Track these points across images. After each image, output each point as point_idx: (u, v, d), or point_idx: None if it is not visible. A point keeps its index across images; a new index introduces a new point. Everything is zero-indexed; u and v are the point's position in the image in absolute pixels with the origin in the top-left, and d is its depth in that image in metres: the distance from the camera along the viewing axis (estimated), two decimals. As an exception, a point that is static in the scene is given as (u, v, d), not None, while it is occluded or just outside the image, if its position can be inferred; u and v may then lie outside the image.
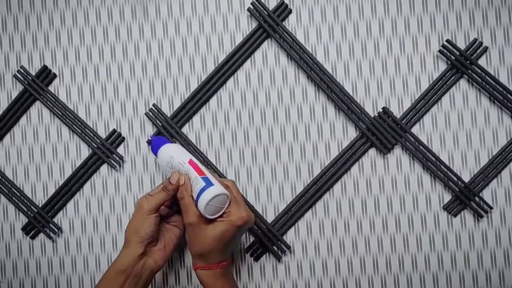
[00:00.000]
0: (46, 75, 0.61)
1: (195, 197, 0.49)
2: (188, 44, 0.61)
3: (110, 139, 0.61)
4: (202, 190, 0.48)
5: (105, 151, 0.60)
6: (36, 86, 0.61)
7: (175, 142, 0.59)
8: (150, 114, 0.61)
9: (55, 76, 0.61)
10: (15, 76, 0.61)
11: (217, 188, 0.48)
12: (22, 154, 0.62)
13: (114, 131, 0.61)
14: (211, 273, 0.50)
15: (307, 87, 0.60)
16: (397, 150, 0.59)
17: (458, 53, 0.58)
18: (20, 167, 0.62)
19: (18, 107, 0.61)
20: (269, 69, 0.60)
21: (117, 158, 0.60)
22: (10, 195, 0.61)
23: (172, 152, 0.53)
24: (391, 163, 0.59)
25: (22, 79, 0.61)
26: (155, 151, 0.55)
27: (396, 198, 0.59)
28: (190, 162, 0.51)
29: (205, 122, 0.61)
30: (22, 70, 0.61)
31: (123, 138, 0.61)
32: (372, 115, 0.59)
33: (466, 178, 0.58)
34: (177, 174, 0.51)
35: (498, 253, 0.57)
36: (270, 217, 0.60)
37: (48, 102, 0.61)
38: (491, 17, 0.58)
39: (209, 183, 0.49)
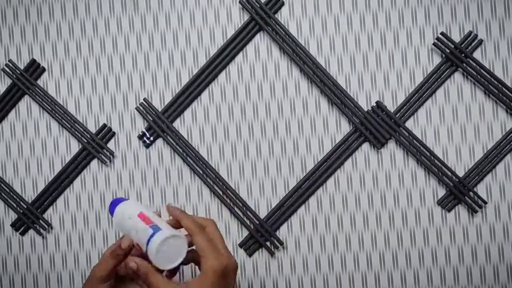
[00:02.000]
0: (34, 68, 0.60)
1: (144, 250, 0.42)
2: (179, 37, 0.60)
3: (100, 134, 0.60)
4: (149, 239, 0.41)
5: (95, 146, 0.60)
6: (25, 80, 0.60)
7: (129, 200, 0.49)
8: (141, 108, 0.60)
9: (44, 70, 0.60)
10: (3, 70, 0.60)
11: (165, 232, 0.41)
12: (11, 149, 0.61)
13: (104, 125, 0.60)
14: None
15: (300, 80, 0.59)
16: (391, 145, 0.58)
17: (452, 46, 0.57)
18: (9, 162, 0.61)
19: (7, 102, 0.60)
20: (261, 63, 0.59)
21: (108, 153, 0.60)
22: (-1, 191, 0.60)
23: (123, 209, 0.46)
24: (384, 157, 0.58)
25: (11, 73, 0.60)
26: (111, 212, 0.47)
27: (390, 193, 0.58)
28: (140, 215, 0.44)
29: (196, 116, 0.60)
30: (10, 64, 0.60)
31: (114, 133, 0.60)
32: (366, 109, 0.58)
33: (461, 173, 0.57)
34: (128, 239, 0.43)
35: (492, 248, 0.57)
36: (263, 213, 0.59)
37: (37, 96, 0.60)
38: (486, 10, 0.57)
39: (156, 229, 0.42)
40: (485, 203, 0.57)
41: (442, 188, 0.58)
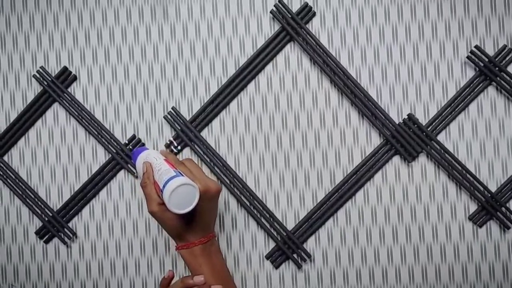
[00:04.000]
0: (66, 76, 0.60)
1: (161, 186, 0.45)
2: (209, 46, 0.59)
3: (130, 144, 0.59)
4: (168, 180, 0.44)
5: (124, 156, 0.59)
6: (56, 88, 0.59)
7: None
8: (169, 117, 0.59)
9: (75, 77, 0.60)
10: (34, 76, 0.60)
11: (183, 179, 0.44)
12: (37, 156, 0.60)
13: (134, 136, 0.59)
14: (189, 252, 0.49)
15: (330, 92, 0.59)
16: (422, 158, 0.57)
17: (486, 60, 0.56)
18: (34, 169, 0.61)
19: (36, 109, 0.60)
20: (291, 73, 0.59)
21: (135, 162, 0.59)
22: (24, 197, 0.60)
23: (151, 152, 0.51)
24: (415, 171, 0.57)
25: (42, 79, 0.60)
26: (135, 157, 0.52)
27: (420, 207, 0.57)
28: (166, 160, 0.49)
29: (225, 126, 0.59)
30: (41, 71, 0.60)
31: (143, 144, 0.60)
32: (397, 122, 0.58)
33: (493, 188, 0.57)
34: (145, 165, 0.49)
35: (525, 265, 0.56)
36: (290, 224, 0.58)
37: (66, 103, 0.60)
38: (521, 23, 0.57)
39: (177, 175, 0.45)
40: (518, 219, 0.56)
41: (474, 203, 0.57)
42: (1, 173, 0.60)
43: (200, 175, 0.48)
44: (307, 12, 0.58)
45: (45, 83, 0.60)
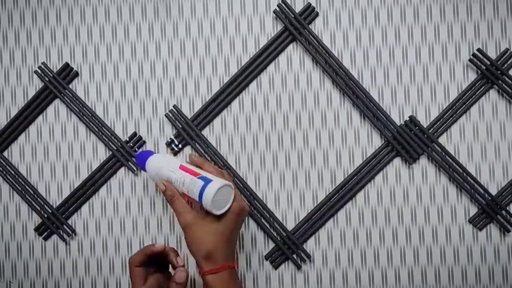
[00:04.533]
0: (67, 72, 0.60)
1: (197, 199, 0.47)
2: (211, 45, 0.59)
3: (131, 142, 0.59)
4: (203, 189, 0.46)
5: (124, 154, 0.59)
6: (57, 84, 0.59)
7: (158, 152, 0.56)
8: (170, 115, 0.59)
9: (77, 74, 0.60)
10: (35, 72, 0.60)
11: (217, 182, 0.46)
12: (37, 152, 0.60)
13: (135, 134, 0.59)
14: (221, 277, 0.46)
15: (332, 92, 0.59)
16: (423, 160, 0.57)
17: (488, 63, 0.56)
18: (34, 165, 0.60)
19: (37, 105, 0.60)
20: (293, 73, 0.59)
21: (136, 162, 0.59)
22: (23, 193, 0.60)
23: (161, 162, 0.52)
24: (416, 173, 0.57)
25: (43, 75, 0.60)
26: (142, 164, 0.53)
27: (421, 210, 0.57)
28: (181, 167, 0.50)
29: (226, 125, 0.59)
30: (43, 67, 0.59)
31: (144, 142, 0.59)
32: (398, 124, 0.58)
33: (493, 191, 0.57)
34: (160, 182, 0.50)
35: (524, 269, 0.56)
36: (290, 225, 0.58)
37: (67, 100, 0.60)
38: (523, 27, 0.57)
39: (207, 180, 0.47)
40: (518, 222, 0.56)
41: (474, 206, 0.57)
42: (1, 169, 0.60)
43: (237, 191, 0.49)
44: (310, 13, 0.58)
45: (47, 79, 0.59)
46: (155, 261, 0.51)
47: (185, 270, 0.46)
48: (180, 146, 0.59)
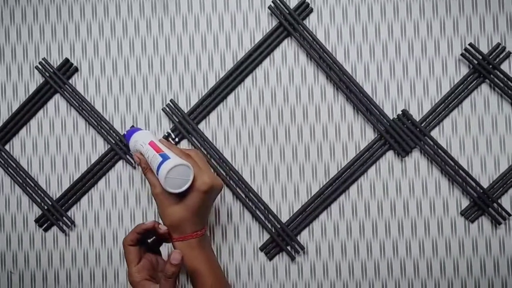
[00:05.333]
0: (67, 68, 0.61)
1: (155, 171, 0.49)
2: (208, 40, 0.61)
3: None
4: (159, 165, 0.48)
5: (122, 147, 0.60)
6: (57, 79, 0.61)
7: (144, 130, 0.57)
8: (167, 109, 0.60)
9: (76, 69, 0.61)
10: (36, 67, 0.61)
11: (173, 160, 0.47)
12: (38, 146, 0.62)
13: (133, 127, 0.60)
14: (186, 244, 0.50)
15: (326, 87, 0.60)
16: (416, 154, 0.58)
17: (480, 57, 0.57)
18: (35, 158, 0.62)
19: (38, 99, 0.61)
20: (288, 68, 0.60)
21: (133, 153, 0.60)
22: (24, 185, 0.61)
23: (137, 137, 0.54)
24: (408, 166, 0.58)
25: (44, 71, 0.61)
26: (127, 139, 0.56)
27: (413, 202, 0.58)
28: (150, 143, 0.52)
29: (222, 119, 0.60)
30: (43, 62, 0.61)
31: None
32: (391, 117, 0.58)
33: (485, 184, 0.57)
34: (136, 156, 0.52)
35: (515, 260, 0.57)
36: (284, 217, 0.59)
37: (67, 95, 0.61)
38: (515, 22, 0.58)
39: (165, 157, 0.48)
40: (509, 215, 0.56)
41: (466, 198, 0.58)
42: (3, 162, 0.61)
43: (207, 169, 0.51)
44: (304, 8, 0.59)
45: (47, 74, 0.61)
46: (147, 243, 0.53)
47: (179, 252, 0.47)
48: (176, 139, 0.60)
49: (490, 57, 0.57)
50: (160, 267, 0.51)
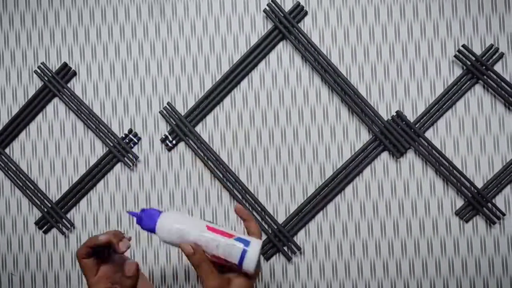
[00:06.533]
0: (66, 72, 0.62)
1: (235, 262, 0.44)
2: (204, 43, 0.61)
3: (127, 138, 0.61)
4: (244, 252, 0.44)
5: (120, 150, 0.61)
6: (56, 83, 0.61)
7: (163, 211, 0.48)
8: (164, 112, 0.61)
9: (74, 73, 0.62)
10: (35, 72, 0.62)
11: (256, 243, 0.44)
12: (37, 149, 0.63)
13: (131, 130, 0.61)
14: None
15: (321, 89, 0.60)
16: (410, 154, 0.59)
17: (474, 59, 0.57)
18: (34, 161, 0.63)
19: (37, 103, 0.62)
20: (283, 70, 0.61)
21: (132, 157, 0.61)
22: (24, 188, 0.62)
23: (184, 226, 0.45)
24: (403, 167, 0.59)
25: (42, 75, 0.62)
26: (151, 226, 0.46)
27: (408, 202, 0.59)
28: (209, 228, 0.45)
29: (218, 121, 0.61)
30: (42, 67, 0.62)
31: (139, 138, 0.61)
32: (386, 119, 0.59)
33: (479, 184, 0.58)
34: (186, 245, 0.45)
35: (510, 260, 0.57)
36: (281, 218, 0.60)
37: (66, 98, 0.62)
38: (508, 23, 0.58)
39: (245, 242, 0.44)
40: (504, 214, 0.57)
41: (460, 198, 0.58)
42: (3, 165, 0.62)
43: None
44: (299, 11, 0.60)
45: (46, 78, 0.62)
46: (104, 251, 0.48)
47: (135, 263, 0.45)
48: (174, 142, 0.61)
49: (483, 58, 0.57)
50: (127, 267, 0.47)
